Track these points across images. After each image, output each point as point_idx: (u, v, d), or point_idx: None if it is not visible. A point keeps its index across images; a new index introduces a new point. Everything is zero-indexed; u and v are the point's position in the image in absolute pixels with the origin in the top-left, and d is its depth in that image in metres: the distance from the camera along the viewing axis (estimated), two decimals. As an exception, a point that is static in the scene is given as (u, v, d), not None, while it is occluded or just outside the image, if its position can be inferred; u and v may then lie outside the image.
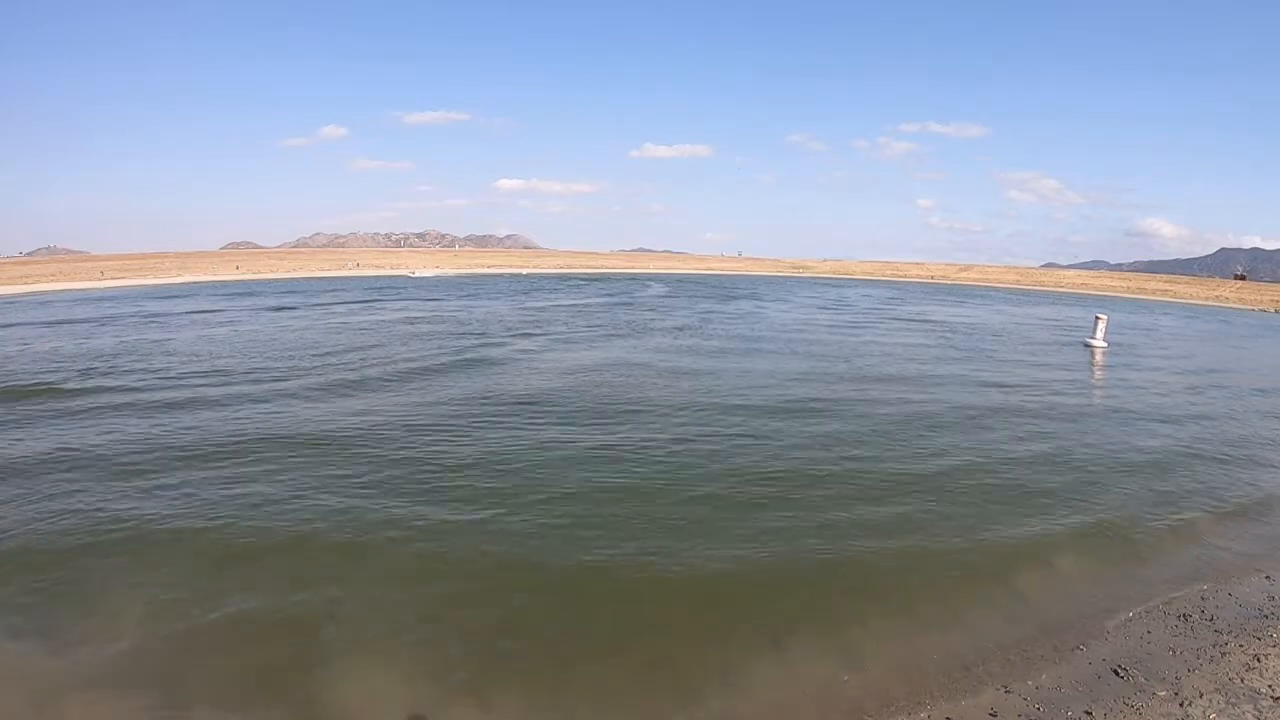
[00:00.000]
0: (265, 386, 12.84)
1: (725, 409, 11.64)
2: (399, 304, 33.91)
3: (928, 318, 33.12)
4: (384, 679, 4.54)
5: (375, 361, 15.82)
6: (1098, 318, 23.70)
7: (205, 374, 14.09)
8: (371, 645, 4.86)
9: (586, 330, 23.33)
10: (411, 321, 25.11)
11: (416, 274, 69.42)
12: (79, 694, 4.41)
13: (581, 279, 65.72)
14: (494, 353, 17.51)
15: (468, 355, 16.92)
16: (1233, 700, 4.39)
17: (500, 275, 72.81)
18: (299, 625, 5.08)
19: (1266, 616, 5.58)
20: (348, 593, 5.52)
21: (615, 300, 39.11)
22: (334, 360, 15.91)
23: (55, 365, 15.15)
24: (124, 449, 8.98)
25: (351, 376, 13.92)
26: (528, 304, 35.17)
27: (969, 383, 15.02)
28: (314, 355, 16.65)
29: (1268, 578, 6.30)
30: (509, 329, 23.02)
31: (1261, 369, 20.31)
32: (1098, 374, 18.07)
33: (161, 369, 14.69)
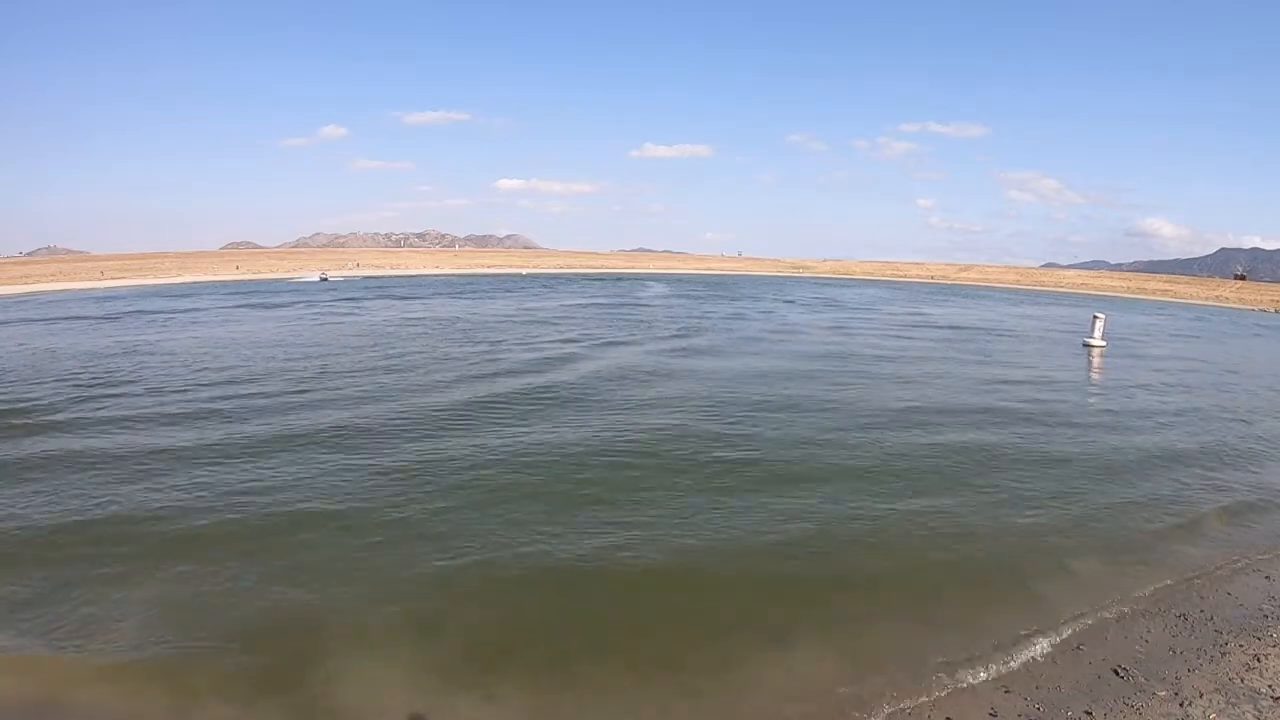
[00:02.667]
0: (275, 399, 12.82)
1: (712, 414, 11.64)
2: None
3: (932, 320, 33.12)
4: (385, 676, 4.54)
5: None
6: (1095, 317, 23.66)
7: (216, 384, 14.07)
8: (372, 643, 4.87)
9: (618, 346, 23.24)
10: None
11: (330, 277, 59.00)
12: (85, 691, 4.42)
13: (583, 279, 65.76)
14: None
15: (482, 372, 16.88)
16: (1233, 700, 4.39)
17: (499, 275, 72.61)
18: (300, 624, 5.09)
19: (1266, 616, 5.58)
20: (350, 591, 5.53)
21: (625, 303, 39.05)
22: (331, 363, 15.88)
23: (63, 371, 15.13)
24: (131, 450, 8.98)
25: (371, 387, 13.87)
26: (530, 305, 35.09)
27: (970, 382, 15.02)
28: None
29: (1267, 578, 6.30)
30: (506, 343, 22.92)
31: (1261, 368, 20.31)
32: (1096, 373, 18.06)
33: (165, 378, 14.68)
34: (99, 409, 11.12)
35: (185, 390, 12.53)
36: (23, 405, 11.34)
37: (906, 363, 17.87)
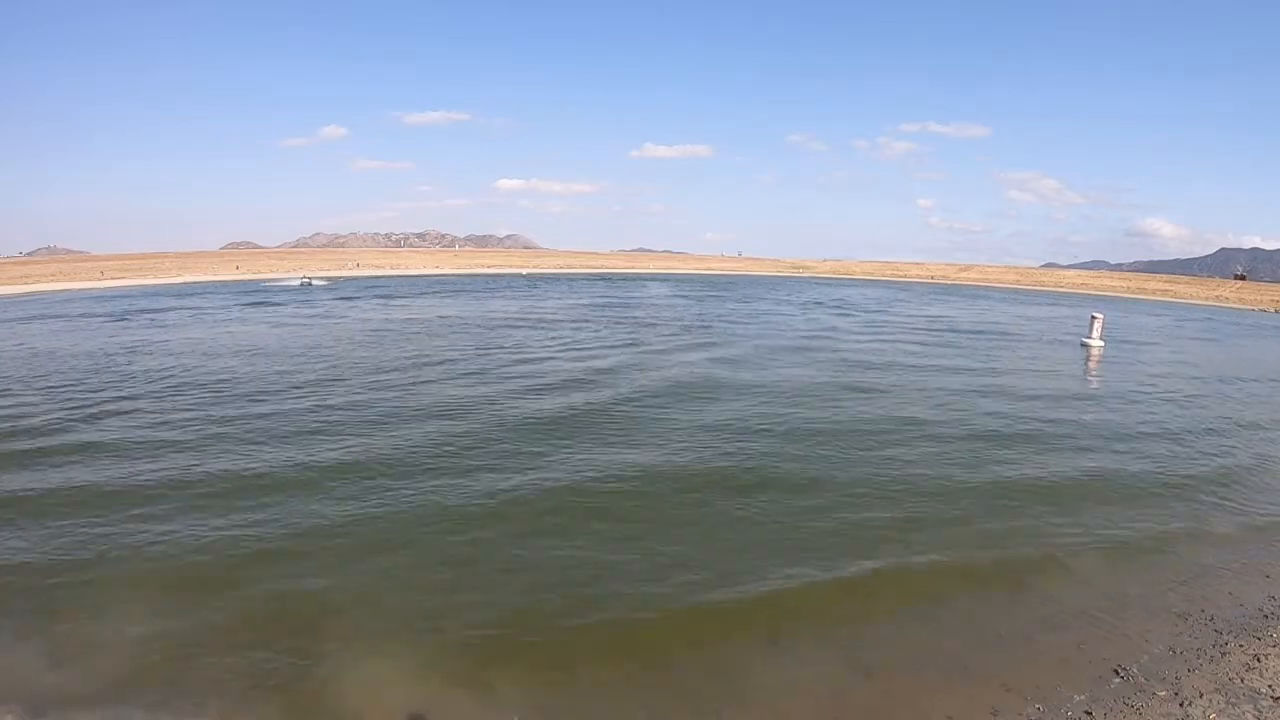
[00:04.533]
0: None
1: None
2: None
3: (939, 322, 33.12)
4: (384, 677, 4.54)
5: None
6: (1093, 317, 23.64)
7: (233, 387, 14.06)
8: (371, 643, 4.87)
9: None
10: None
11: (314, 280, 51.49)
12: (85, 691, 4.42)
13: (584, 279, 65.71)
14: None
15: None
16: (1233, 700, 4.39)
17: (500, 275, 72.53)
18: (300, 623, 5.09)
19: (1266, 616, 5.57)
20: (348, 590, 5.53)
21: (629, 303, 39.00)
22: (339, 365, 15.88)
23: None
24: (130, 456, 8.98)
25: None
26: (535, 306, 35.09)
27: (969, 381, 15.01)
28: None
29: (1268, 577, 6.29)
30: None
31: (1259, 369, 20.29)
32: (1093, 373, 18.06)
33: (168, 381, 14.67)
34: (95, 415, 11.11)
35: (185, 396, 12.54)
36: (19, 416, 11.34)
37: (935, 398, 17.83)
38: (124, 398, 11.86)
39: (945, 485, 8.16)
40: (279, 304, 33.45)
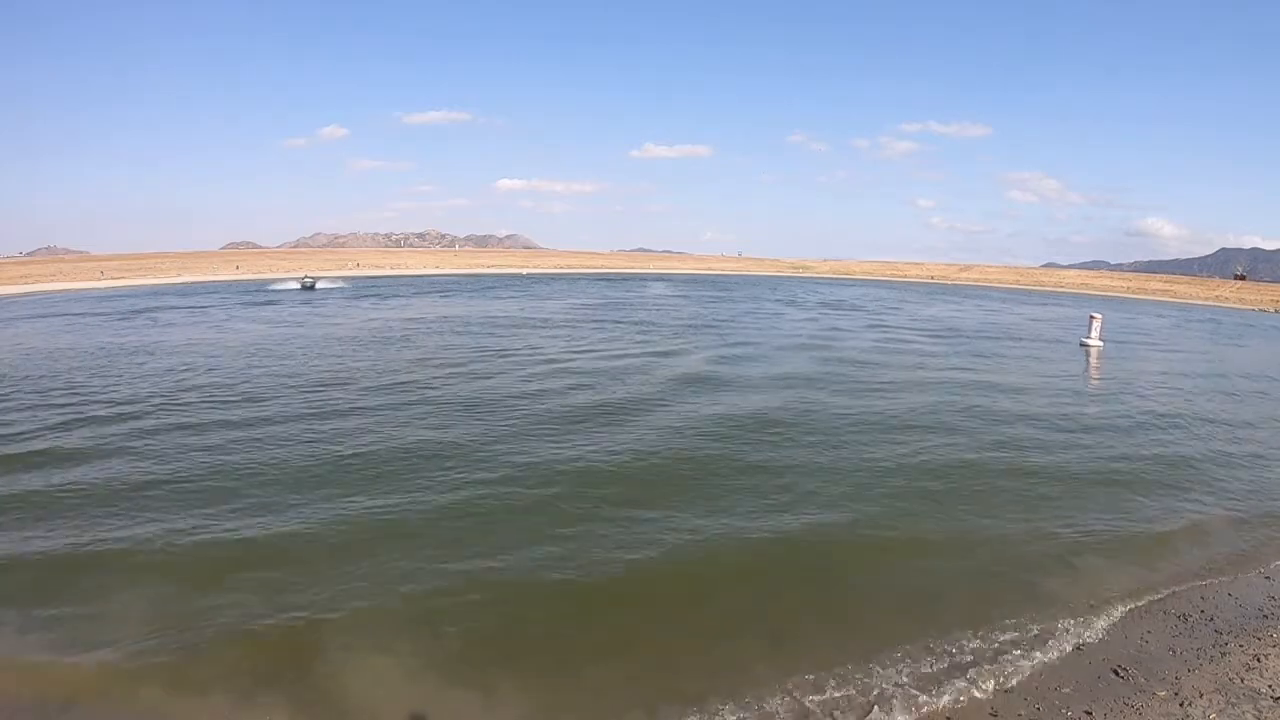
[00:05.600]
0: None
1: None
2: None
3: (943, 324, 33.07)
4: (386, 674, 4.56)
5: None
6: (1092, 317, 23.61)
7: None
8: (374, 640, 4.89)
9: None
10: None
11: (316, 283, 47.16)
12: (87, 688, 4.44)
13: (585, 279, 65.59)
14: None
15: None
16: (1233, 700, 4.39)
17: (500, 275, 72.44)
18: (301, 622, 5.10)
19: (1266, 616, 5.58)
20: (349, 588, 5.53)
21: (633, 305, 38.73)
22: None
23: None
24: (130, 453, 8.99)
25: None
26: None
27: (970, 383, 15.02)
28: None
29: (1268, 578, 6.30)
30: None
31: (1259, 368, 20.28)
32: (1093, 373, 18.05)
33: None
34: (94, 411, 11.11)
35: (180, 409, 12.52)
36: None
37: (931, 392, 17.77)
38: (120, 415, 11.16)
39: (959, 501, 8.15)
40: (279, 305, 33.44)
